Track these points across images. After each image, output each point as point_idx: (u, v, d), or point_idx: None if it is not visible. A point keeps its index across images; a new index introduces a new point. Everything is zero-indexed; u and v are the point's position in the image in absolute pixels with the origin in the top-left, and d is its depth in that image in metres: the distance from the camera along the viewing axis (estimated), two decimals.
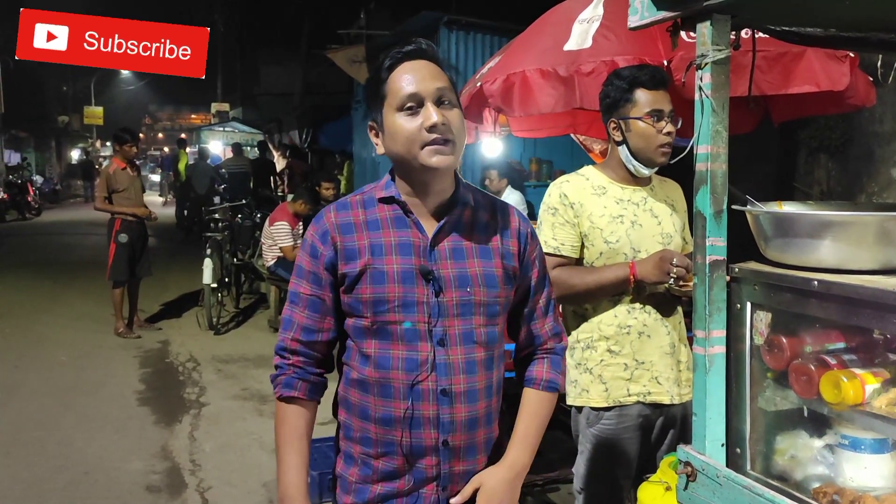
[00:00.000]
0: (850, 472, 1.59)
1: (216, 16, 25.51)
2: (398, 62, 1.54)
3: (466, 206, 1.62)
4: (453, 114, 1.53)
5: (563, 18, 3.27)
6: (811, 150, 5.61)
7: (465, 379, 1.56)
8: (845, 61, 2.89)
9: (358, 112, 10.51)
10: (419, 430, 1.55)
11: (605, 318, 2.32)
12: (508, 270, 1.62)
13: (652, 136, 2.26)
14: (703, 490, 1.63)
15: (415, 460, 1.57)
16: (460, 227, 1.61)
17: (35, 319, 7.76)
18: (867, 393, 1.51)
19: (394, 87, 1.52)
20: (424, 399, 1.54)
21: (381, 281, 1.54)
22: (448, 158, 1.51)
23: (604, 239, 2.30)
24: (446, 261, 1.57)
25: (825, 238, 1.59)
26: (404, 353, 1.55)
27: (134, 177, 7.12)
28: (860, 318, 1.50)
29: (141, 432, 4.78)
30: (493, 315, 1.60)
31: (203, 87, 31.41)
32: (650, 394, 2.31)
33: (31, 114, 25.51)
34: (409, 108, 1.51)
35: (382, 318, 1.54)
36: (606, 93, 2.34)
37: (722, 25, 1.60)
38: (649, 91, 2.25)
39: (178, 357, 6.56)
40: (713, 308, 1.62)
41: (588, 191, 2.35)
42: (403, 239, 1.57)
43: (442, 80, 1.53)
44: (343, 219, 1.60)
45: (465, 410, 1.56)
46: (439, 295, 1.55)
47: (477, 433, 1.59)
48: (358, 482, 1.62)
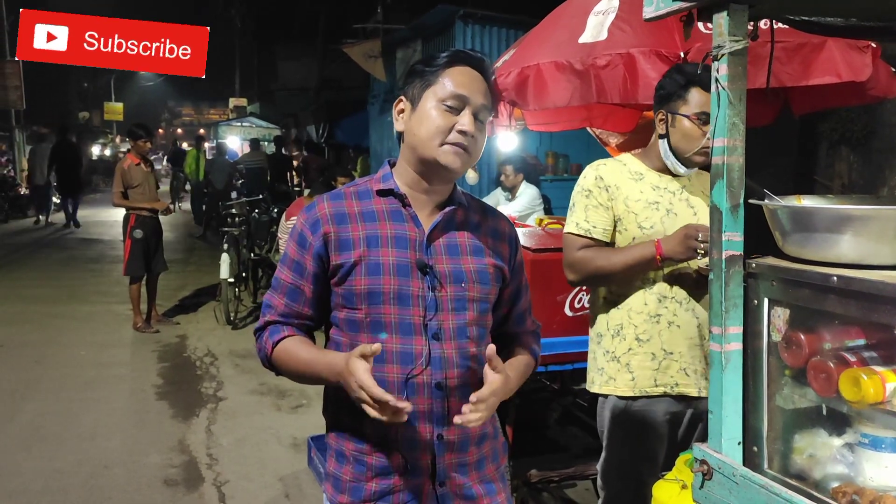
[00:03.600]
0: (870, 471, 1.56)
1: (233, 11, 25.64)
2: (460, 61, 1.59)
3: (461, 205, 1.67)
4: (481, 134, 1.60)
5: (578, 11, 3.23)
6: (832, 143, 5.53)
7: (459, 373, 1.58)
8: (867, 51, 2.83)
9: (374, 107, 10.52)
10: (414, 425, 1.55)
11: (636, 306, 2.30)
12: (499, 270, 1.68)
13: (695, 137, 2.23)
14: (720, 489, 1.61)
15: (410, 455, 1.57)
16: (454, 224, 1.65)
17: (54, 315, 7.85)
18: (888, 391, 1.47)
19: (447, 79, 1.56)
20: (419, 393, 1.55)
21: (376, 273, 1.55)
22: (462, 164, 1.56)
23: (638, 224, 2.28)
24: (442, 256, 1.60)
25: (845, 233, 1.56)
26: (398, 346, 1.55)
27: (148, 172, 7.15)
28: (881, 315, 1.46)
29: (159, 426, 4.82)
30: (484, 312, 1.65)
31: (221, 83, 31.66)
32: (677, 385, 2.28)
33: (52, 110, 25.79)
34: (450, 105, 1.55)
35: (376, 310, 1.55)
36: (662, 84, 2.33)
37: (739, 16, 1.56)
38: (705, 92, 2.21)
39: (195, 352, 6.61)
40: (729, 304, 1.60)
41: (625, 175, 2.33)
42: (399, 232, 1.59)
43: (487, 98, 1.60)
44: (337, 209, 1.60)
45: (459, 405, 1.54)
46: (435, 289, 1.56)
47: (469, 428, 1.57)
48: (352, 480, 1.61)
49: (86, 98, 34.77)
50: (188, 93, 48.67)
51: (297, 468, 4.16)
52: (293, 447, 4.44)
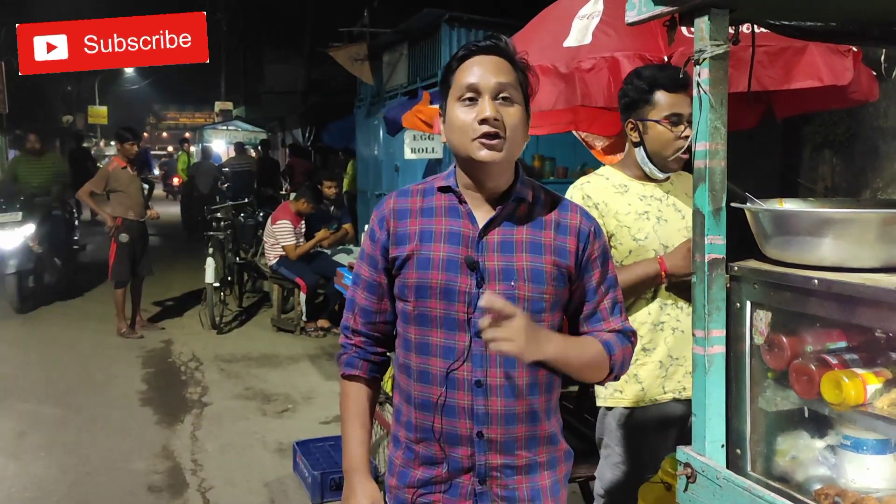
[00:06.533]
0: (852, 473, 1.57)
1: (219, 14, 25.53)
2: (470, 55, 1.56)
3: (522, 201, 1.62)
4: (511, 110, 1.53)
5: (562, 14, 3.24)
6: (815, 146, 5.57)
7: (503, 373, 1.57)
8: (848, 55, 2.85)
9: (361, 111, 10.49)
10: (453, 419, 1.57)
11: (639, 317, 2.29)
12: (561, 268, 1.60)
13: (669, 140, 2.22)
14: (703, 492, 1.61)
15: (450, 449, 1.59)
16: (513, 220, 1.61)
17: (37, 319, 7.77)
18: (869, 393, 1.48)
19: (458, 77, 1.56)
20: (459, 388, 1.56)
21: (426, 267, 1.58)
22: (496, 154, 1.52)
23: (632, 236, 2.27)
24: (493, 252, 1.58)
25: (826, 236, 1.57)
26: (442, 340, 1.58)
27: (134, 176, 7.09)
28: (862, 318, 1.47)
29: (143, 432, 4.78)
30: (538, 311, 1.58)
31: (206, 86, 31.46)
32: (685, 389, 2.27)
33: (35, 114, 25.53)
34: (467, 98, 1.54)
35: (424, 303, 1.58)
36: (625, 92, 2.30)
37: (720, 20, 1.57)
38: (669, 94, 2.21)
39: (180, 356, 6.57)
40: (712, 307, 1.60)
41: (610, 190, 2.32)
42: (454, 228, 1.60)
43: (507, 75, 1.54)
44: (401, 205, 1.65)
45: (501, 404, 1.56)
46: (481, 286, 1.55)
47: (516, 428, 1.58)
48: (401, 465, 1.67)
49: (70, 101, 34.48)
50: (173, 96, 48.34)
51: (282, 473, 4.13)
52: (279, 452, 4.42)
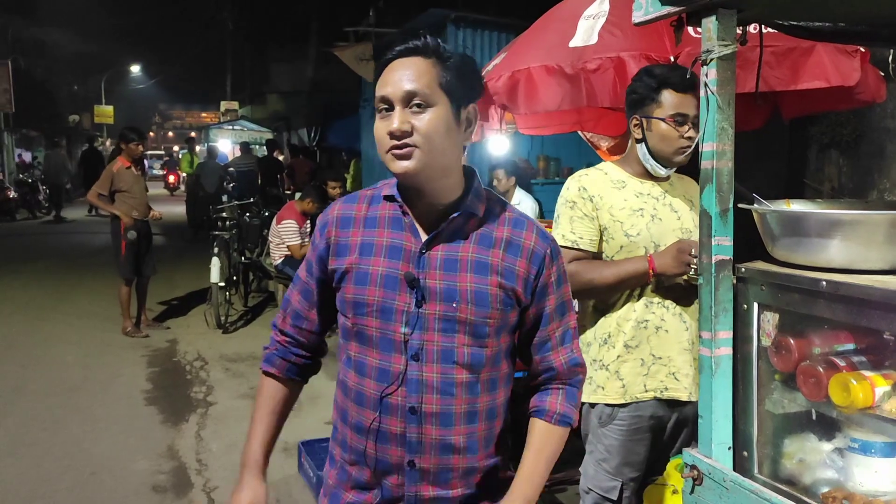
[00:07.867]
0: (860, 476, 1.56)
1: (225, 14, 25.58)
2: (388, 63, 1.46)
3: (472, 216, 1.50)
4: (423, 117, 1.40)
5: (568, 15, 3.23)
6: (822, 147, 5.55)
7: (439, 399, 1.46)
8: (856, 56, 2.84)
9: (366, 110, 10.49)
10: (385, 445, 1.48)
11: (624, 314, 2.29)
12: (507, 290, 1.48)
13: (673, 139, 2.23)
14: (710, 494, 1.61)
15: (381, 476, 1.51)
16: (460, 235, 1.49)
17: (42, 318, 7.79)
18: (877, 396, 1.48)
19: (377, 89, 1.46)
20: (392, 414, 1.47)
21: (363, 282, 1.49)
22: (408, 163, 1.40)
23: (624, 232, 2.27)
24: (435, 270, 1.46)
25: (834, 237, 1.56)
26: (377, 362, 1.49)
27: (138, 176, 7.10)
28: (870, 320, 1.46)
29: (148, 432, 4.78)
30: (482, 336, 1.48)
31: (212, 86, 31.54)
32: (667, 389, 2.27)
33: (42, 113, 25.62)
34: (382, 111, 1.44)
35: (361, 321, 1.49)
36: (634, 88, 2.31)
37: (728, 20, 1.57)
38: (677, 93, 2.22)
39: (185, 356, 6.57)
40: (719, 309, 1.59)
41: (607, 184, 2.33)
42: (396, 241, 1.50)
43: (420, 79, 1.41)
44: (346, 212, 1.57)
45: (436, 433, 1.46)
46: (421, 305, 1.45)
47: (451, 459, 1.48)
48: (333, 486, 1.59)
49: (76, 101, 34.59)
50: (179, 96, 48.45)
51: (287, 473, 4.13)
52: (283, 452, 4.41)
